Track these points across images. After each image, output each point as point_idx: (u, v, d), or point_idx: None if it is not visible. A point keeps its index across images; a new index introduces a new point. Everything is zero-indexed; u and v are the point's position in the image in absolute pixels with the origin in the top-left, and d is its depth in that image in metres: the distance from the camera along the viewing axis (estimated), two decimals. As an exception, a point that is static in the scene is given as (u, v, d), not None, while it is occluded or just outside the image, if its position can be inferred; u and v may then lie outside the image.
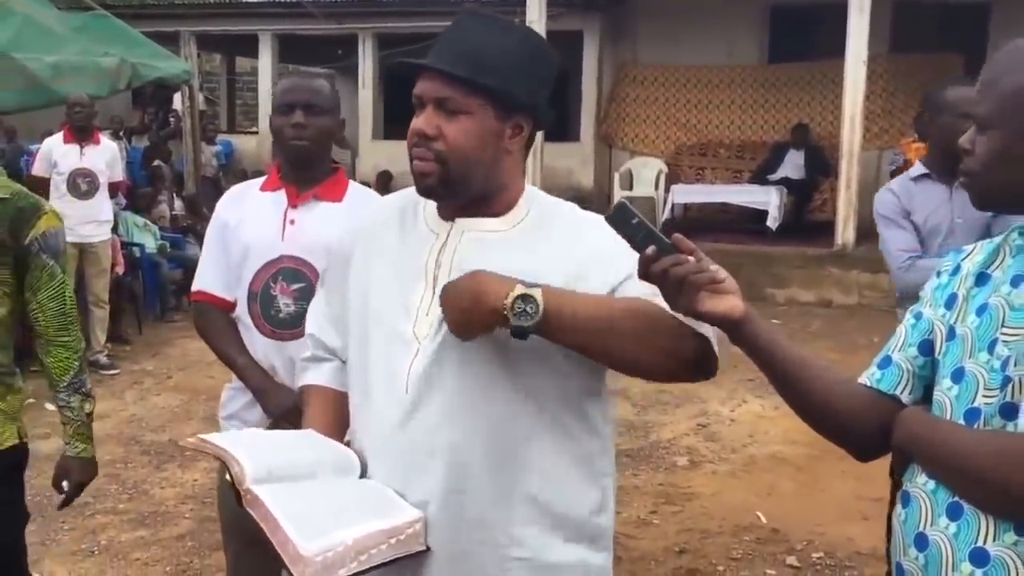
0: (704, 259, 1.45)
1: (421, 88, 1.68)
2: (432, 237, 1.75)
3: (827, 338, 8.54)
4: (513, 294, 1.52)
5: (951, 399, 1.46)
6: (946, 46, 11.18)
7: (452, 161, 1.66)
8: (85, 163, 7.27)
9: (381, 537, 1.53)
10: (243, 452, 1.61)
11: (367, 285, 1.79)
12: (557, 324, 1.54)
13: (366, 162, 14.67)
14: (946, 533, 1.41)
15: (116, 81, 8.93)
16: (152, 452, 5.67)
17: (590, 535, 1.74)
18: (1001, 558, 1.35)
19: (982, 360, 1.43)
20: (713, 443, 5.86)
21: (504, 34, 1.70)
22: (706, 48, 13.07)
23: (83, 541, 4.47)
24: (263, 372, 2.67)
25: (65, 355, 2.61)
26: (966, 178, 1.50)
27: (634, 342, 1.57)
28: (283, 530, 1.47)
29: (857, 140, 10.26)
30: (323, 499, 1.61)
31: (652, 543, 4.46)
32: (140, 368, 7.63)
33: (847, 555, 4.29)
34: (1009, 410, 1.38)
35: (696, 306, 1.44)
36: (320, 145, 2.70)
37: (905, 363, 1.56)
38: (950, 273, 1.57)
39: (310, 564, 1.44)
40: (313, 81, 2.76)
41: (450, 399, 1.64)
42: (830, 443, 1.62)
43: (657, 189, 12.79)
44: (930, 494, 1.44)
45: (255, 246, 2.67)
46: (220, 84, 20.05)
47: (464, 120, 1.66)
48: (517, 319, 1.52)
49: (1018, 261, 1.47)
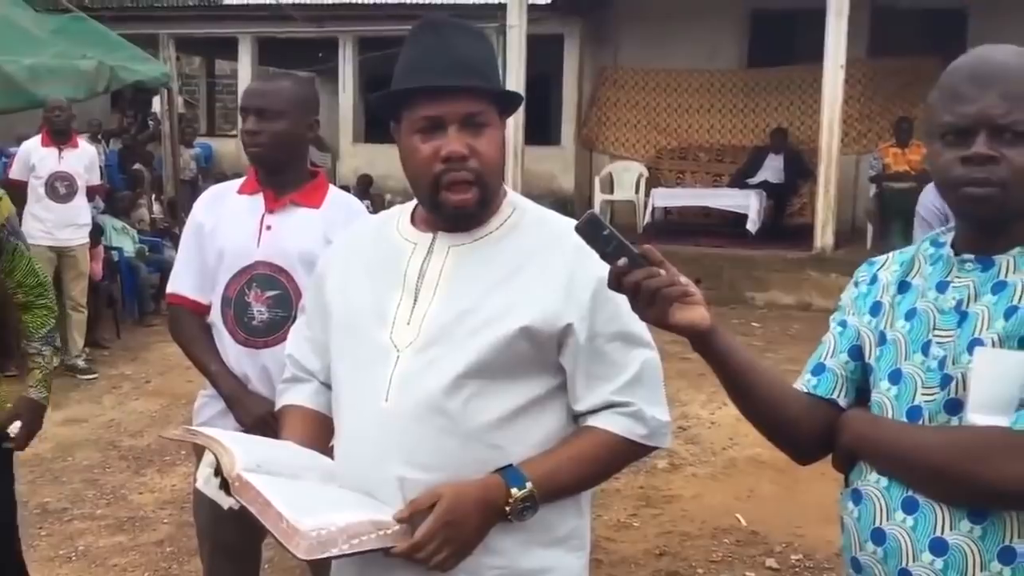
0: (671, 270, 1.45)
1: (438, 108, 1.62)
2: (409, 247, 1.74)
3: (807, 341, 8.53)
4: (512, 501, 1.60)
5: (891, 399, 1.55)
6: (924, 51, 11.25)
7: (488, 176, 1.66)
8: (63, 166, 7.23)
9: (370, 527, 1.53)
10: (233, 443, 1.61)
11: (344, 299, 1.78)
12: (551, 500, 1.65)
13: (347, 165, 14.63)
14: (904, 527, 1.49)
15: (94, 84, 8.87)
16: (130, 457, 5.64)
17: (565, 539, 1.73)
18: (958, 545, 1.45)
19: (917, 361, 1.52)
20: (693, 446, 5.87)
21: (474, 37, 1.70)
22: (686, 52, 13.11)
23: (61, 547, 4.43)
24: (236, 380, 2.64)
25: (43, 314, 2.87)
26: (989, 188, 1.47)
27: (605, 473, 1.76)
28: (275, 508, 1.46)
29: (836, 144, 10.32)
30: (311, 493, 1.61)
31: (632, 546, 4.46)
32: (118, 372, 7.58)
33: (826, 557, 4.31)
34: (954, 406, 1.48)
35: (667, 319, 1.45)
36: (277, 151, 2.63)
37: (838, 368, 1.66)
38: (868, 283, 1.68)
39: (306, 537, 1.43)
40: (269, 85, 2.69)
41: (430, 407, 1.63)
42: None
43: (638, 193, 12.83)
44: (883, 491, 1.52)
45: (230, 251, 2.64)
46: (200, 87, 19.97)
47: (489, 132, 1.66)
48: (521, 518, 1.62)
49: (937, 268, 1.57)
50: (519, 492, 1.58)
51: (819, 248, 10.47)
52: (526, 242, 1.71)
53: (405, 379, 1.65)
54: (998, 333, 1.45)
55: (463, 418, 1.63)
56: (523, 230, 1.73)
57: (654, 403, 1.70)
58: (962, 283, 1.52)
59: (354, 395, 1.72)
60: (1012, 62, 1.49)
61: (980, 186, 1.47)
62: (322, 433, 1.83)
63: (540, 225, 1.74)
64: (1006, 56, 1.50)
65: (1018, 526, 1.42)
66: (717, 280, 10.33)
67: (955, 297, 1.52)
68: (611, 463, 1.73)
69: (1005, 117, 1.45)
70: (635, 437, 1.67)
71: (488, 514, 1.59)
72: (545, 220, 1.76)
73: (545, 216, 1.78)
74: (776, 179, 11.93)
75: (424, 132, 1.64)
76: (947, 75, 1.53)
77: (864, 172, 11.69)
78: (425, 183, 1.66)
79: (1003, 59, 1.49)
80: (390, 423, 1.64)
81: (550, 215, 1.79)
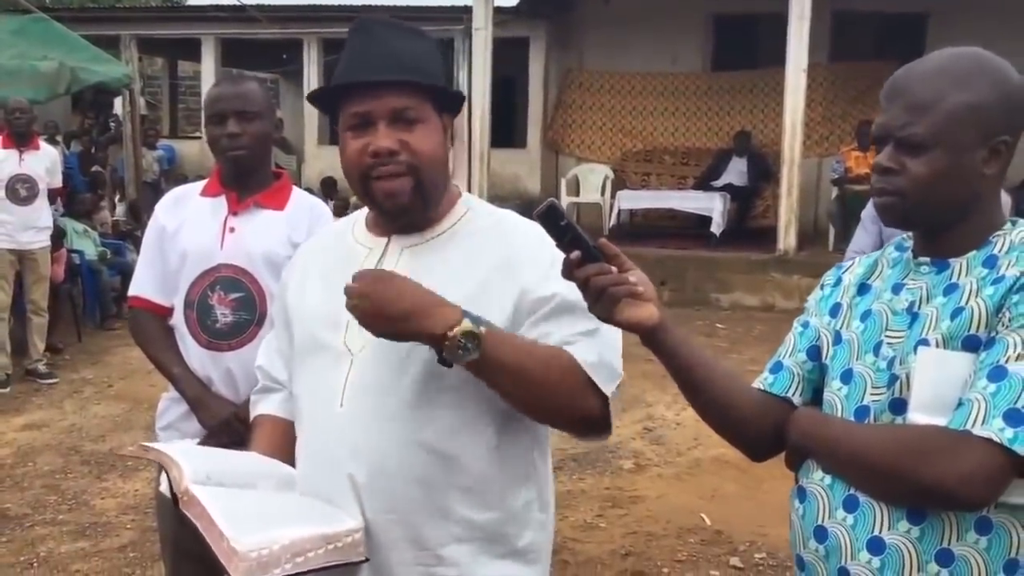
0: (627, 263, 1.46)
1: (366, 105, 1.63)
2: (363, 251, 1.74)
3: (770, 341, 8.62)
4: (460, 329, 1.49)
5: (841, 398, 1.57)
6: (884, 55, 11.39)
7: (424, 170, 1.65)
8: (24, 169, 7.13)
9: (319, 541, 1.51)
10: (182, 456, 1.59)
11: (301, 306, 1.78)
12: (486, 367, 1.53)
13: (312, 168, 14.58)
14: (844, 525, 1.51)
15: (55, 86, 8.78)
16: (92, 462, 5.58)
17: (523, 552, 1.71)
18: (896, 545, 1.46)
19: (868, 361, 1.55)
20: (658, 447, 5.91)
21: (411, 35, 1.70)
22: (651, 56, 13.19)
23: (22, 553, 4.37)
24: (199, 382, 2.62)
25: None
26: (890, 197, 1.53)
27: (545, 392, 1.59)
28: (217, 527, 1.44)
29: (798, 147, 10.42)
30: (261, 504, 1.60)
31: (598, 547, 4.48)
32: (79, 377, 7.50)
33: (789, 555, 4.32)
34: (898, 405, 1.49)
35: (614, 315, 1.46)
36: (258, 151, 2.64)
37: (795, 367, 1.68)
38: (832, 285, 1.71)
39: (244, 559, 1.40)
40: (241, 86, 2.68)
41: (385, 414, 1.62)
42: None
43: (603, 195, 12.88)
44: (827, 488, 1.54)
45: (193, 253, 2.62)
46: (162, 88, 19.80)
47: (422, 127, 1.65)
48: (454, 353, 1.50)
49: (896, 271, 1.60)
50: (470, 325, 1.49)
51: (782, 250, 10.57)
52: (479, 241, 1.70)
53: (358, 384, 1.64)
54: (942, 333, 1.46)
55: (416, 423, 1.61)
56: (476, 229, 1.73)
57: (607, 349, 1.63)
58: (916, 285, 1.55)
59: (311, 401, 1.72)
60: (929, 71, 1.50)
61: (881, 195, 1.54)
62: (291, 441, 1.80)
63: (494, 225, 1.74)
64: (928, 65, 1.52)
65: (956, 528, 1.43)
66: (681, 282, 10.40)
67: (908, 299, 1.54)
68: (559, 382, 1.58)
69: (902, 129, 1.49)
70: (584, 365, 1.59)
71: (420, 315, 1.50)
72: (500, 219, 1.76)
73: (500, 215, 1.77)
74: (740, 182, 12.02)
75: (355, 129, 1.65)
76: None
77: (826, 175, 11.82)
78: (355, 178, 1.67)
79: (921, 69, 1.51)
80: (344, 427, 1.63)
81: (505, 214, 1.78)
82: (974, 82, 1.47)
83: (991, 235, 1.52)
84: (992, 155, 1.49)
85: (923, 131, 1.47)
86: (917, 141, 1.48)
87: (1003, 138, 1.49)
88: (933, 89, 1.48)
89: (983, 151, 1.49)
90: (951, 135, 1.47)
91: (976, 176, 1.50)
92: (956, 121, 1.46)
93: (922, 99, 1.48)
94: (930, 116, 1.47)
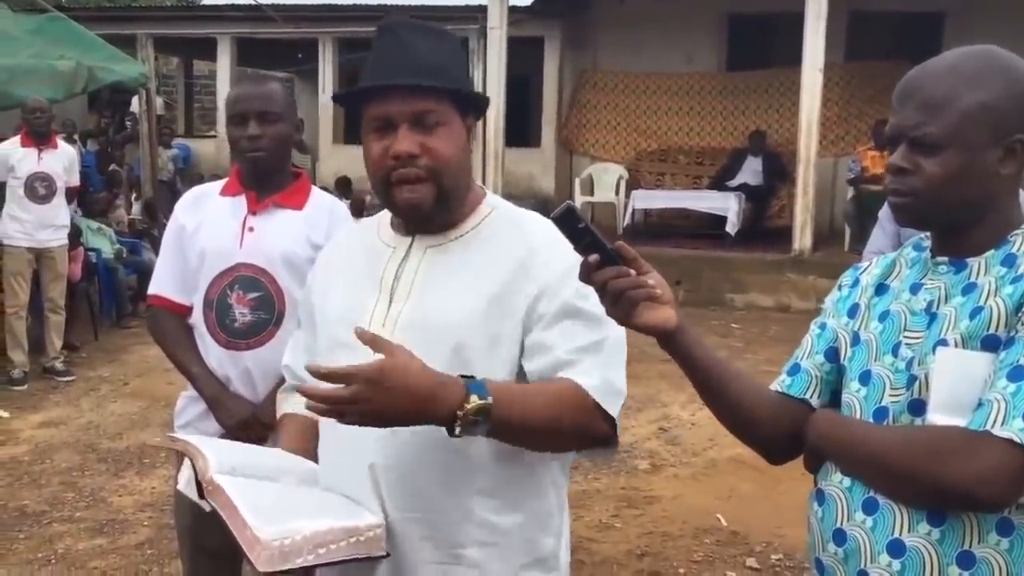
0: (644, 266, 1.45)
1: (386, 109, 1.64)
2: (387, 250, 1.75)
3: (785, 342, 8.60)
4: (469, 407, 1.46)
5: (859, 400, 1.56)
6: (900, 54, 11.33)
7: (445, 175, 1.65)
8: (43, 167, 7.17)
9: (340, 534, 1.52)
10: (208, 447, 1.62)
11: (326, 306, 1.80)
12: (496, 432, 1.52)
13: (326, 167, 14.60)
14: (863, 527, 1.49)
15: (72, 85, 8.81)
16: (110, 459, 5.60)
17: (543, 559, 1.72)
18: (916, 548, 1.44)
19: (887, 362, 1.54)
20: (674, 447, 5.90)
21: (436, 37, 1.70)
22: (665, 55, 13.17)
23: (40, 550, 4.40)
24: (217, 382, 2.63)
25: None
26: (904, 198, 1.53)
27: (555, 435, 1.61)
28: (241, 515, 1.45)
29: (814, 147, 10.39)
30: (284, 497, 1.61)
31: (614, 547, 4.48)
32: (96, 375, 7.53)
33: (806, 557, 4.32)
34: (917, 406, 1.48)
35: (632, 319, 1.45)
36: (279, 153, 2.64)
37: (813, 369, 1.67)
38: (850, 286, 1.70)
39: (267, 547, 1.41)
40: (264, 87, 2.67)
41: None
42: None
43: (618, 195, 12.87)
44: (845, 491, 1.53)
45: (212, 253, 2.63)
46: (178, 87, 19.87)
47: (443, 130, 1.65)
48: (466, 430, 1.47)
49: (914, 271, 1.59)
50: (479, 400, 1.46)
51: (797, 250, 10.53)
52: (502, 242, 1.71)
53: None
54: (961, 333, 1.45)
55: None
56: (499, 230, 1.73)
57: (610, 368, 1.64)
58: (934, 285, 1.54)
59: None
60: (941, 70, 1.50)
61: (895, 196, 1.54)
62: (316, 439, 1.81)
63: (516, 226, 1.74)
64: (941, 64, 1.51)
65: (978, 530, 1.42)
66: (696, 282, 10.38)
67: (926, 299, 1.53)
68: (569, 423, 1.59)
69: (916, 129, 1.49)
70: (590, 390, 1.59)
71: (424, 407, 1.45)
72: (522, 221, 1.76)
73: (522, 216, 1.78)
74: (755, 181, 11.98)
75: (377, 132, 1.66)
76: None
77: (842, 175, 11.77)
78: (377, 181, 1.68)
79: (934, 69, 1.51)
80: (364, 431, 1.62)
81: (528, 216, 1.78)
82: (987, 81, 1.47)
83: (1009, 234, 1.51)
84: (1007, 154, 1.48)
85: (937, 131, 1.47)
86: (931, 141, 1.47)
87: (1018, 137, 1.48)
88: (946, 88, 1.47)
89: (998, 150, 1.48)
90: (965, 135, 1.46)
91: (991, 176, 1.49)
92: (970, 120, 1.46)
93: (935, 99, 1.47)
94: (943, 116, 1.46)
